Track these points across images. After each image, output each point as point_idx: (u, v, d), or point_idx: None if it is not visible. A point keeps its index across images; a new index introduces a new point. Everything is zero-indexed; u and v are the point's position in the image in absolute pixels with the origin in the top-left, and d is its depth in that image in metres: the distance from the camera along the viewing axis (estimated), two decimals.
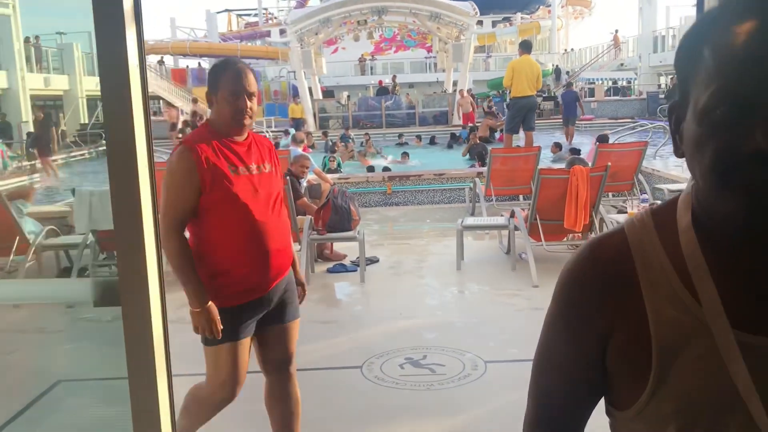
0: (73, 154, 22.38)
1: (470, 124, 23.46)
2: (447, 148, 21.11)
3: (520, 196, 8.97)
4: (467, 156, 16.40)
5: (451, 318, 5.20)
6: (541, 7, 56.04)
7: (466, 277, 6.31)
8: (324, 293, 6.01)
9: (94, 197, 5.82)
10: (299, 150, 9.05)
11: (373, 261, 6.79)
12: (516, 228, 6.37)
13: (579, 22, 67.31)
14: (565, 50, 51.36)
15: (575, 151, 13.12)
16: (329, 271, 6.60)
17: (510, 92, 10.79)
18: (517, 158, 8.37)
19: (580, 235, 6.26)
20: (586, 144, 14.38)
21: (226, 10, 68.59)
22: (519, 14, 52.67)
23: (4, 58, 24.27)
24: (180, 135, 22.62)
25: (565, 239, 6.45)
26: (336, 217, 6.26)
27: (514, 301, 5.53)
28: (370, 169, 14.66)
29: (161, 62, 38.62)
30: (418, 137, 22.59)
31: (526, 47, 10.75)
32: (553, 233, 6.24)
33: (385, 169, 14.64)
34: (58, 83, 28.89)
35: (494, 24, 48.42)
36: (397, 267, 6.77)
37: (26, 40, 27.29)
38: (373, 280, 6.20)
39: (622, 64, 40.54)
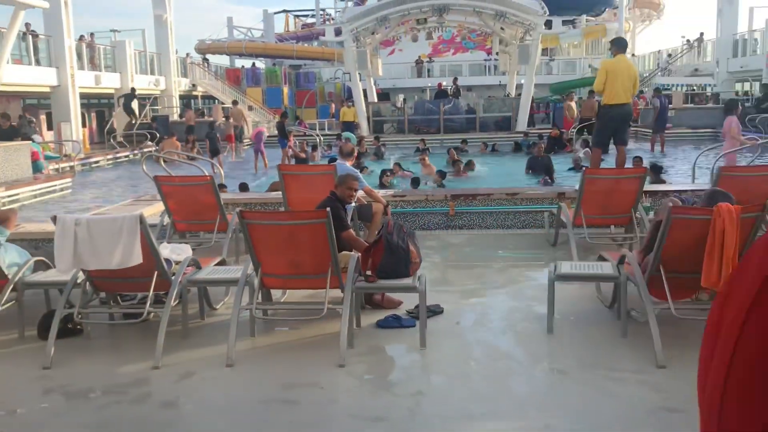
0: (119, 154, 21.55)
1: (532, 135, 21.80)
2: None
3: (611, 226, 7.38)
4: (529, 172, 14.76)
5: (549, 419, 3.66)
6: (607, 9, 53.45)
7: (560, 346, 4.75)
8: (371, 364, 4.53)
9: (80, 227, 4.48)
10: (347, 165, 7.62)
11: (435, 312, 5.30)
12: (628, 279, 4.79)
13: (647, 26, 64.59)
14: (633, 54, 48.80)
15: (657, 169, 11.36)
16: (379, 325, 5.12)
17: (602, 98, 9.07)
18: (617, 181, 6.73)
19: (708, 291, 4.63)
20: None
21: (284, 11, 68.10)
22: (584, 16, 50.31)
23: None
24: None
25: (694, 297, 4.82)
26: (390, 259, 4.78)
27: (633, 391, 3.95)
28: (415, 182, 13.12)
29: (205, 59, 37.84)
30: (484, 144, 21.01)
31: (620, 45, 9.05)
32: (683, 289, 4.64)
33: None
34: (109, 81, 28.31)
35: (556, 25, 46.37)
36: (467, 322, 5.26)
37: (80, 38, 26.82)
38: (436, 345, 4.70)
39: (696, 70, 37.97)
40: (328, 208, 4.51)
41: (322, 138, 22.47)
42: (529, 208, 8.75)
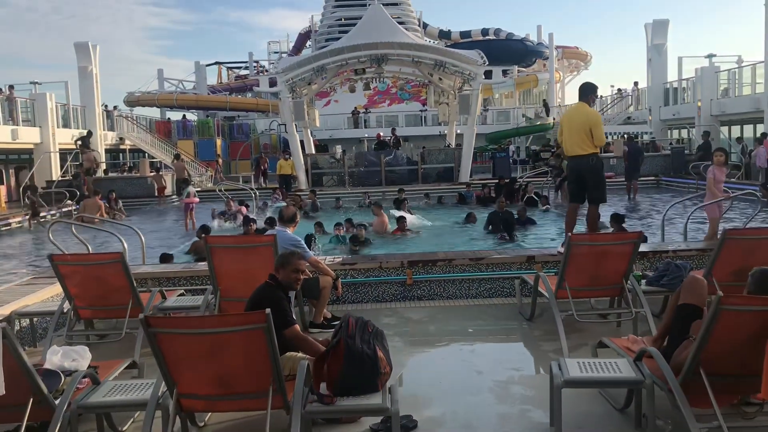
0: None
1: (473, 185, 21.12)
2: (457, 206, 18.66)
3: (591, 299, 6.43)
4: (489, 228, 13.85)
5: None
6: (537, 59, 54.51)
7: None
8: None
9: None
10: (288, 233, 6.46)
11: (408, 429, 4.12)
12: (655, 383, 3.77)
13: (576, 76, 66.39)
14: (559, 105, 49.65)
15: (619, 219, 10.56)
16: None
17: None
18: (607, 248, 5.77)
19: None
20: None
21: (216, 63, 67.08)
22: (515, 67, 51.12)
23: None
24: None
25: (736, 404, 3.80)
26: (353, 370, 3.62)
27: None
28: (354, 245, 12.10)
29: (115, 108, 36.16)
30: (426, 195, 20.11)
31: (582, 92, 8.22)
32: (721, 395, 3.63)
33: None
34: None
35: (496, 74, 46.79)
36: None
37: None
38: None
39: (629, 118, 38.59)
40: (267, 310, 3.31)
41: (257, 193, 21.20)
42: (497, 274, 7.74)
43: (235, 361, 3.45)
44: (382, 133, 29.58)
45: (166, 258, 9.46)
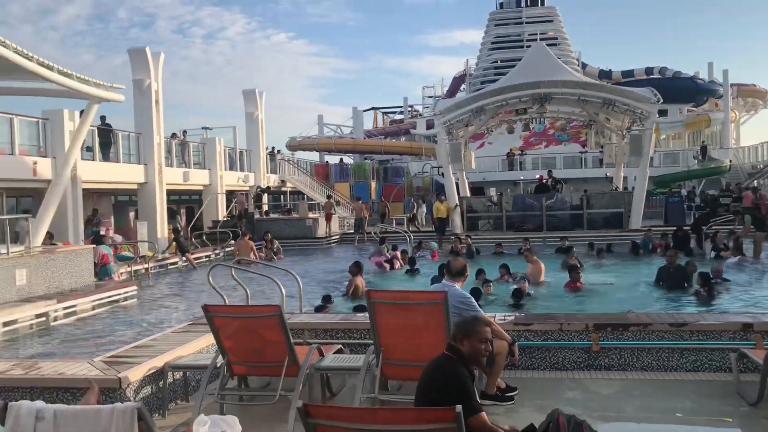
0: (197, 255, 20.33)
1: (652, 232, 19.19)
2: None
3: None
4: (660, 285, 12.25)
5: None
6: (709, 98, 50.57)
7: None
8: None
9: (44, 424, 2.66)
10: (457, 289, 5.66)
11: None
12: None
13: (752, 116, 61.37)
14: (735, 147, 45.60)
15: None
16: None
17: None
18: None
19: None
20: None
21: (373, 108, 68.89)
22: (685, 106, 47.77)
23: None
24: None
25: None
26: None
27: None
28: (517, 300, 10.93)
29: (278, 152, 37.70)
30: (590, 245, 18.56)
31: None
32: None
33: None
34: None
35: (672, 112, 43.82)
36: None
37: (172, 135, 26.71)
38: None
39: None
40: (458, 407, 2.49)
41: (412, 236, 20.69)
42: (705, 344, 6.45)
43: None
44: (543, 175, 28.28)
45: (325, 300, 9.24)
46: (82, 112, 14.03)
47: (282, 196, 37.10)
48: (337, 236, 26.83)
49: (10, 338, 9.25)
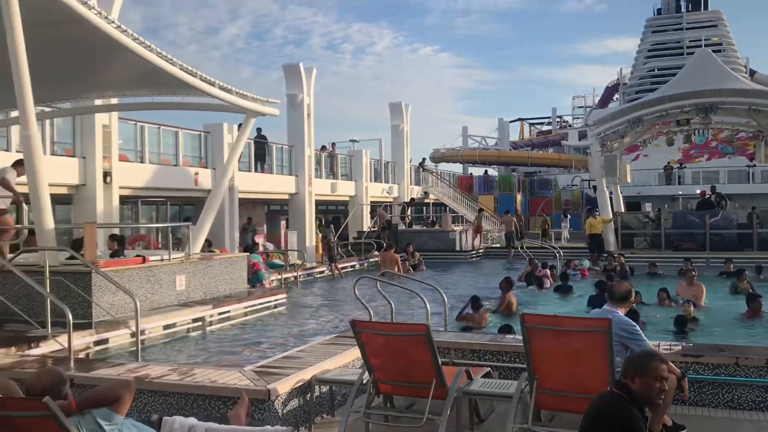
0: (343, 264, 20.72)
1: None
2: None
3: None
4: None
5: None
6: None
7: None
8: None
9: None
10: (621, 315, 5.18)
11: None
12: None
13: None
14: None
15: None
16: None
17: None
18: None
19: None
20: None
21: (519, 119, 67.70)
22: None
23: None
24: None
25: None
26: None
27: None
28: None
29: (422, 164, 37.23)
30: (758, 268, 16.90)
31: None
32: None
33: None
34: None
35: None
36: None
37: (322, 148, 27.58)
38: None
39: None
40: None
41: (561, 253, 19.87)
42: None
43: None
44: (705, 191, 26.25)
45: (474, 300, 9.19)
46: (239, 125, 14.81)
47: (424, 208, 37.21)
48: (482, 250, 26.42)
49: (169, 341, 9.77)
